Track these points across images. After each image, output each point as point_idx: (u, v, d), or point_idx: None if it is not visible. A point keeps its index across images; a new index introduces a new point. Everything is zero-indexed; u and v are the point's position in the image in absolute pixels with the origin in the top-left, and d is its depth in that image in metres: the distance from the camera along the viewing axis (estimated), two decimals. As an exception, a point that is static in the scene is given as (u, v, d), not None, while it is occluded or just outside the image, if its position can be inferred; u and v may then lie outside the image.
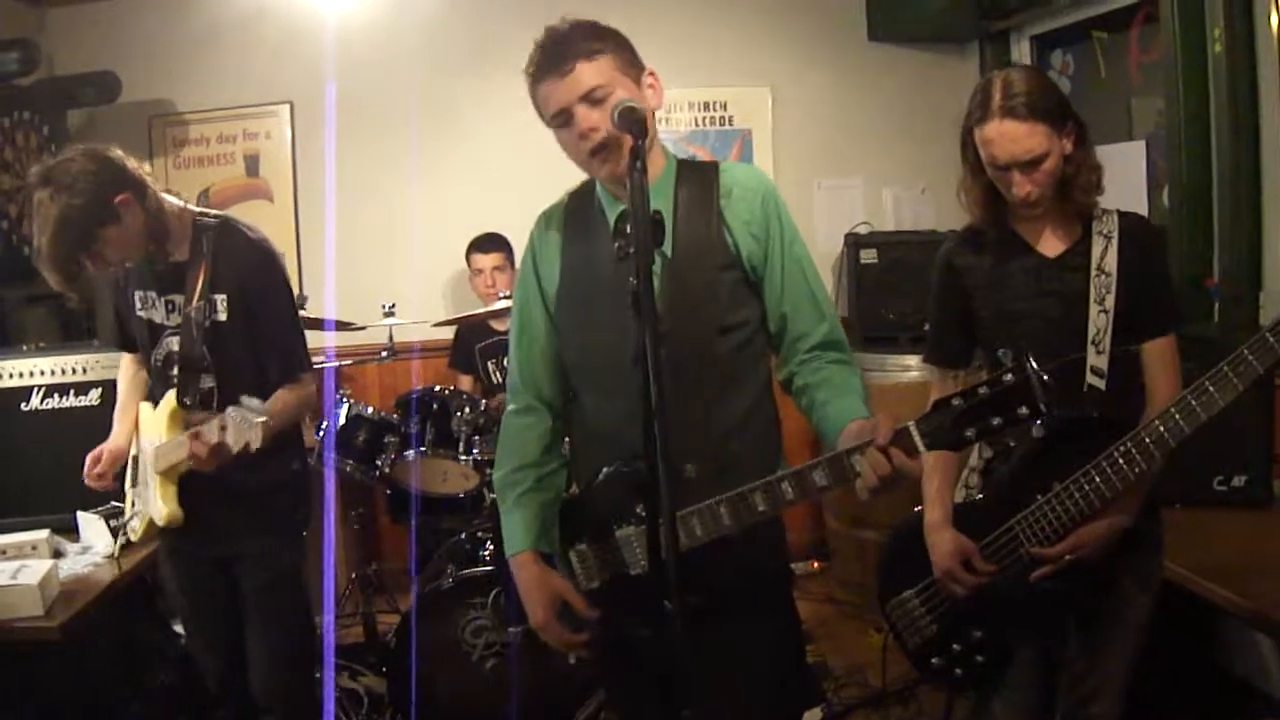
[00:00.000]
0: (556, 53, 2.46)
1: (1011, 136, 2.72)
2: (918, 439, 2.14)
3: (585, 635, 2.60)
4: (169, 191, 3.36)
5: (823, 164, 6.77)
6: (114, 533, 3.72)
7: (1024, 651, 3.04)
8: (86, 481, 3.54)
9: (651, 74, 2.58)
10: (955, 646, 3.06)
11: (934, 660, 3.11)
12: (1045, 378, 2.05)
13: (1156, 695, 3.24)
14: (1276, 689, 3.98)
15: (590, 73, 2.44)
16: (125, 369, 3.71)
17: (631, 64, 2.54)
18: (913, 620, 3.13)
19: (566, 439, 2.84)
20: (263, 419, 2.93)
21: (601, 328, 2.57)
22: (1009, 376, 2.06)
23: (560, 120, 2.48)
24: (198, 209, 3.41)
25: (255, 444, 2.94)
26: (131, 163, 3.23)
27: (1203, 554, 3.26)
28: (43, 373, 4.30)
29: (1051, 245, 2.93)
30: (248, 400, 3.00)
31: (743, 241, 2.54)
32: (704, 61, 6.40)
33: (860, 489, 2.19)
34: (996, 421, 2.08)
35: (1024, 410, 2.05)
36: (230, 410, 2.98)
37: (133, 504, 3.62)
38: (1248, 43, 4.41)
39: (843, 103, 6.77)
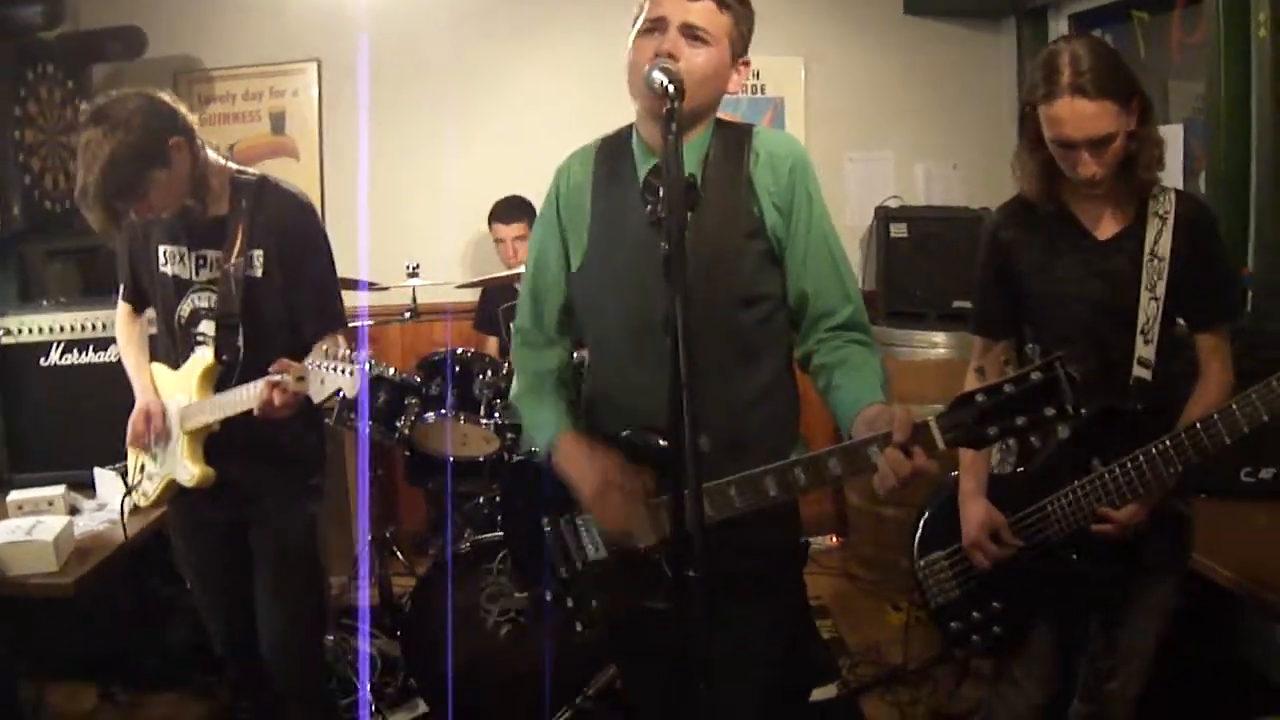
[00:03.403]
0: None
1: (1082, 115, 2.63)
2: (937, 435, 2.09)
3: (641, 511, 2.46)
4: (209, 145, 3.33)
5: (854, 136, 6.69)
6: (124, 496, 3.68)
7: (1042, 627, 3.03)
8: (133, 444, 3.50)
9: (746, 64, 2.53)
10: (974, 614, 3.05)
11: (953, 624, 3.10)
12: (1075, 377, 1.97)
13: (1176, 684, 3.21)
14: (1297, 682, 3.95)
15: (708, 15, 2.40)
16: (124, 326, 3.65)
17: (742, 41, 2.50)
18: (939, 581, 3.11)
19: None
20: (356, 365, 2.92)
21: (625, 289, 2.53)
22: (1037, 374, 1.99)
23: (650, 25, 2.41)
24: (235, 166, 3.37)
25: (350, 393, 2.93)
26: (183, 108, 3.22)
27: (1228, 545, 3.23)
28: (62, 328, 4.30)
29: (1104, 226, 2.87)
30: (329, 347, 3.00)
31: (768, 211, 2.49)
32: (737, 29, 6.28)
33: (877, 485, 2.14)
34: (1021, 421, 2.00)
35: (1050, 411, 1.98)
36: (310, 359, 2.99)
37: (142, 468, 3.58)
38: (1292, 28, 4.33)
39: (876, 75, 6.69)
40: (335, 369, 2.95)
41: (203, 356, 3.32)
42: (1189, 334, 2.89)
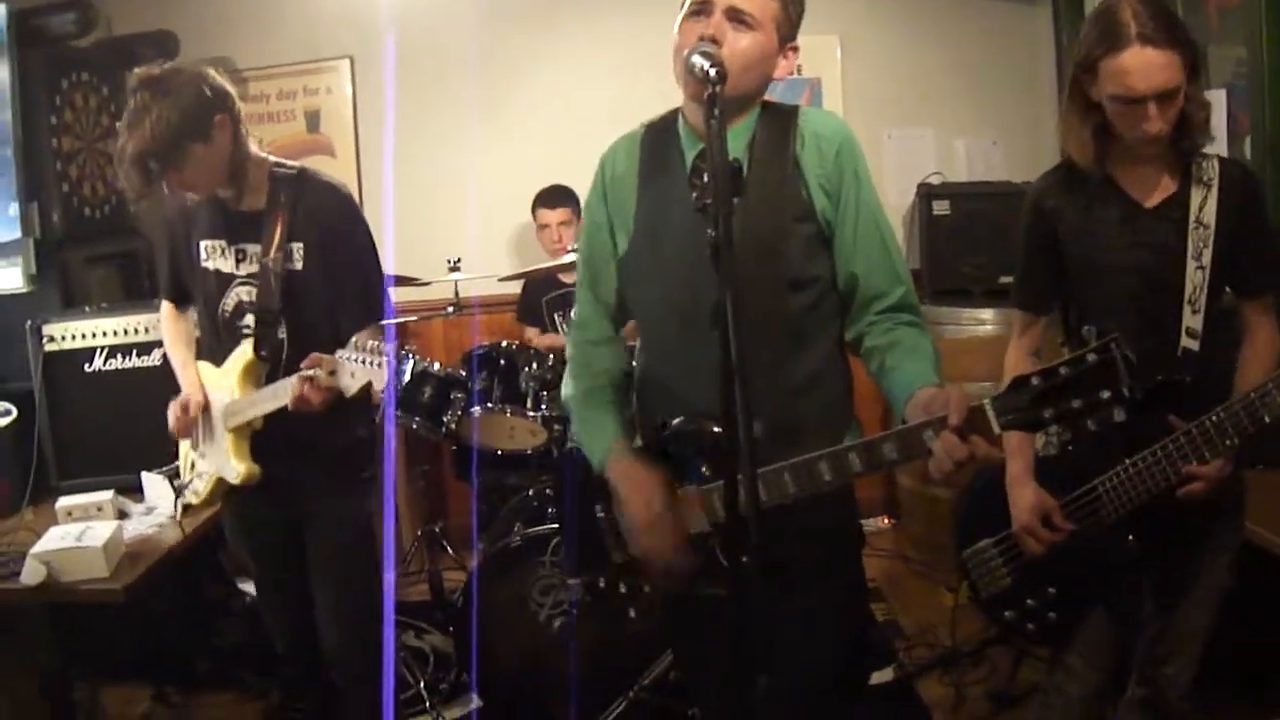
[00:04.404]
0: None
1: (1153, 65, 2.55)
2: (992, 419, 2.04)
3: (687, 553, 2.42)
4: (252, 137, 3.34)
5: (892, 114, 6.64)
6: (176, 495, 3.68)
7: (1098, 611, 2.98)
8: (173, 430, 3.47)
9: (795, 49, 2.51)
10: (1029, 601, 3.01)
11: (1007, 613, 3.06)
12: (1132, 359, 1.92)
13: (1233, 659, 3.17)
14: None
15: (755, 0, 2.37)
16: (169, 324, 3.65)
17: (790, 26, 2.48)
18: (989, 570, 3.06)
19: None
20: (384, 358, 2.92)
21: (672, 276, 2.50)
22: (1092, 356, 1.94)
23: (696, 8, 2.38)
24: (274, 159, 3.37)
25: (379, 385, 2.93)
26: (234, 91, 3.24)
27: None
28: (105, 334, 4.31)
29: (1149, 193, 2.80)
30: (360, 342, 2.98)
31: (815, 194, 2.45)
32: (772, 9, 6.25)
33: (934, 469, 2.10)
34: (1077, 404, 1.95)
35: (1106, 394, 1.92)
36: (340, 353, 2.96)
37: (192, 465, 3.58)
38: (1336, -14, 4.26)
39: (912, 52, 6.63)
40: (365, 361, 2.93)
41: (243, 352, 3.32)
42: (1235, 301, 2.84)
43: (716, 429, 2.34)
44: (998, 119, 6.62)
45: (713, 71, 2.09)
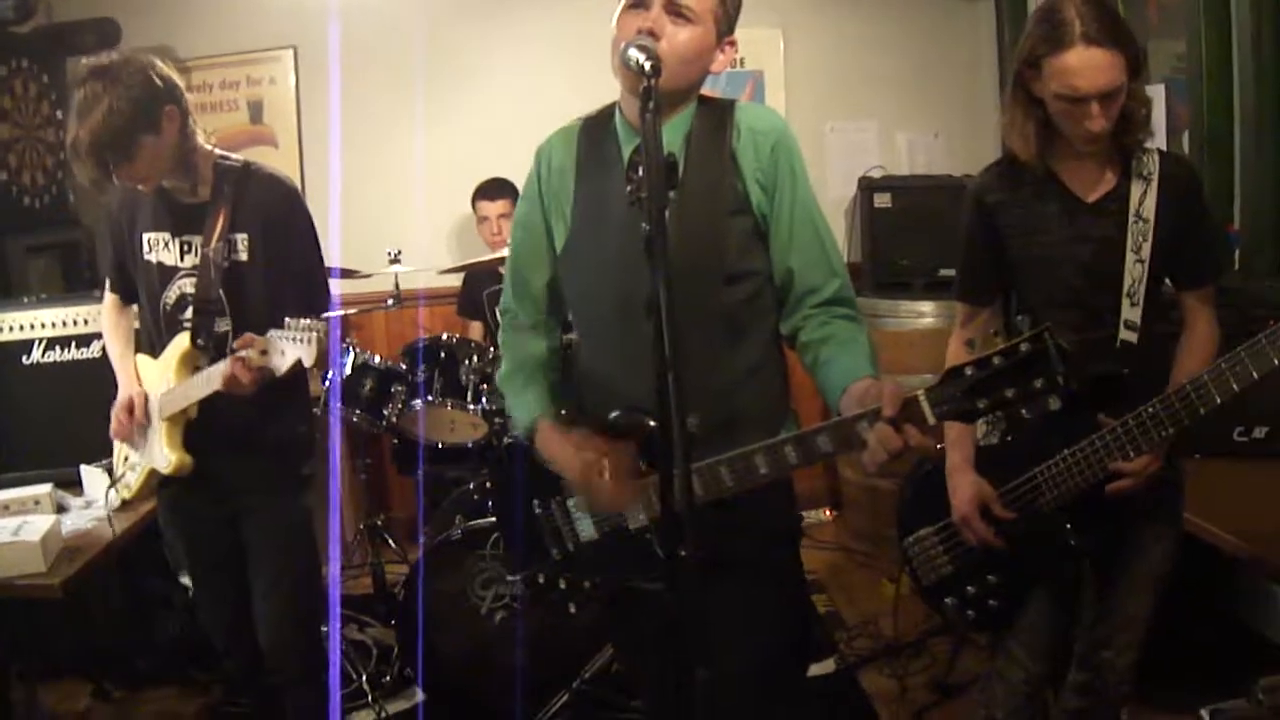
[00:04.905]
0: None
1: (1097, 65, 2.58)
2: (927, 410, 2.06)
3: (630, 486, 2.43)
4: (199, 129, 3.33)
5: (835, 107, 6.67)
6: (108, 489, 3.65)
7: (1039, 596, 3.02)
8: (117, 436, 3.47)
9: (732, 43, 2.50)
10: (969, 589, 3.03)
11: (947, 600, 3.08)
12: (1065, 347, 1.94)
13: (1172, 646, 3.21)
14: (1293, 642, 3.95)
15: None
16: (110, 316, 3.62)
17: (728, 20, 2.47)
18: (929, 558, 3.09)
19: None
20: (316, 334, 2.90)
21: (610, 270, 2.50)
22: (1026, 345, 1.96)
23: (634, 1, 2.38)
24: (220, 152, 3.36)
25: (309, 361, 2.91)
26: (182, 83, 3.23)
27: (1221, 505, 3.21)
28: (44, 325, 4.26)
29: (1089, 188, 2.83)
30: (292, 322, 2.95)
31: (751, 188, 2.47)
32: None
33: (868, 460, 2.11)
34: (1011, 393, 1.97)
35: (1040, 382, 1.95)
36: (271, 332, 2.95)
37: (125, 459, 3.56)
38: (1272, -16, 4.31)
39: (856, 45, 6.67)
40: (294, 339, 2.92)
41: (179, 342, 3.30)
42: (1175, 293, 2.88)
43: (652, 423, 2.35)
44: (940, 112, 6.68)
45: (648, 65, 2.09)
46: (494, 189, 5.73)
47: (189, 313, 3.29)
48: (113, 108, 3.00)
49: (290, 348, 2.92)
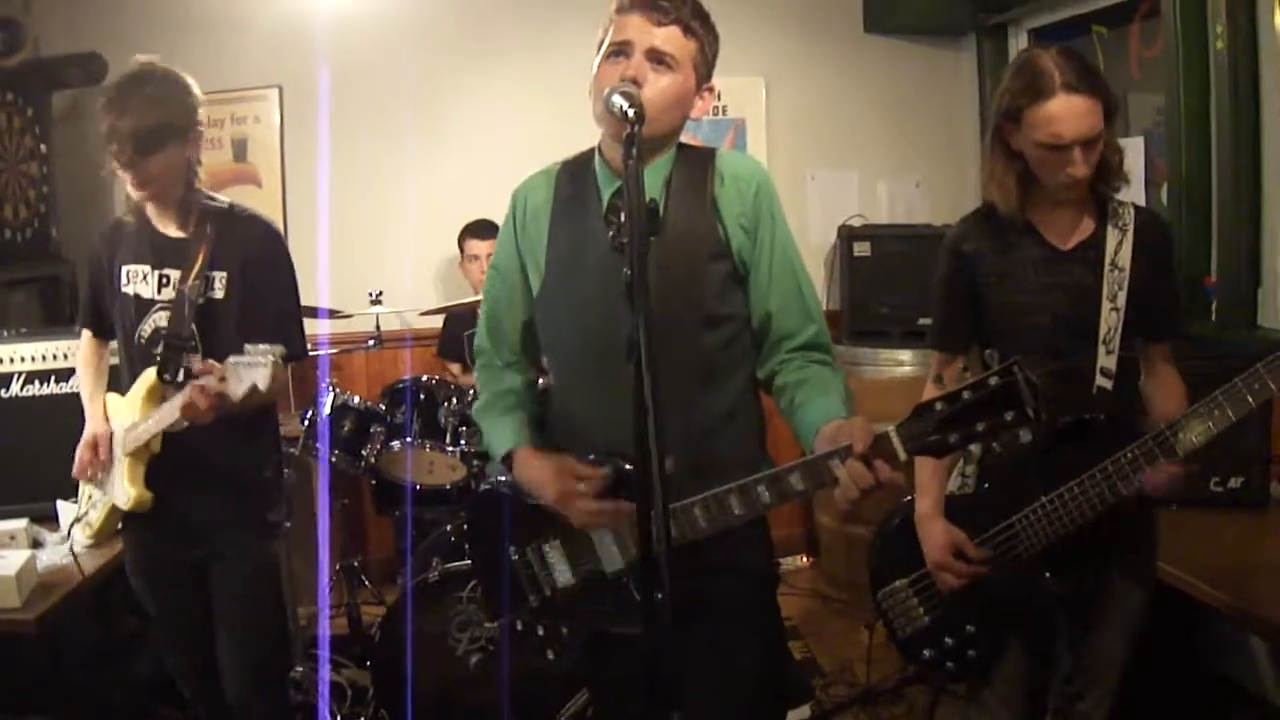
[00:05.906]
0: (667, 2, 2.41)
1: (1078, 112, 2.64)
2: (898, 445, 2.07)
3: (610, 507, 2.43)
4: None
5: (816, 156, 6.72)
6: (70, 526, 3.64)
7: (1015, 646, 3.01)
8: (79, 475, 3.46)
9: (711, 89, 2.54)
10: (947, 640, 3.03)
11: (926, 652, 3.07)
12: (1034, 381, 1.96)
13: (1148, 694, 3.22)
14: (1268, 691, 3.96)
15: (674, 40, 2.41)
16: (85, 352, 3.63)
17: (707, 67, 2.51)
18: (905, 610, 3.09)
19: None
20: (271, 358, 2.88)
21: (587, 313, 2.51)
22: (995, 379, 1.97)
23: (615, 49, 2.41)
24: (207, 193, 3.39)
25: (263, 385, 2.87)
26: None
27: (1197, 555, 3.25)
28: (24, 359, 4.24)
29: (1065, 236, 2.88)
30: (250, 347, 2.94)
31: (733, 233, 2.49)
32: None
33: (839, 498, 2.13)
34: (981, 426, 1.99)
35: (1010, 415, 1.96)
36: (231, 359, 2.93)
37: (89, 496, 3.56)
38: (1250, 40, 4.38)
39: (837, 94, 6.72)
40: (250, 364, 2.90)
41: (146, 376, 3.29)
42: (1140, 344, 2.91)
43: (628, 466, 2.35)
44: (920, 162, 6.73)
45: (631, 112, 2.12)
46: (484, 228, 5.73)
47: (160, 347, 3.29)
48: (158, 100, 3.14)
49: (247, 373, 2.90)
